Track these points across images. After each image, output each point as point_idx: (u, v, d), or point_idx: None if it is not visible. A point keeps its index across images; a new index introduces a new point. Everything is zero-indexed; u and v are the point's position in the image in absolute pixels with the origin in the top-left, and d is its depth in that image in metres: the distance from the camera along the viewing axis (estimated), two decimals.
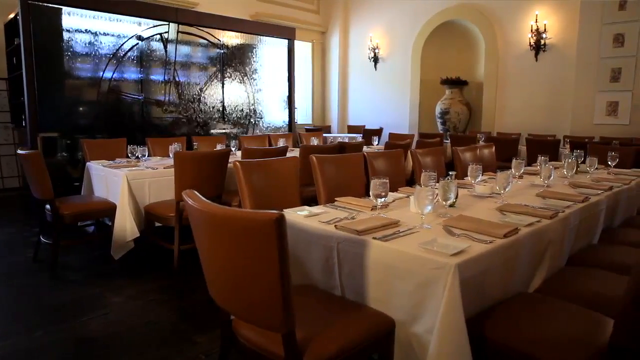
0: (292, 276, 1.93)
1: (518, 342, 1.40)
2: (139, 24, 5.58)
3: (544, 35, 7.05)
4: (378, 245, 1.54)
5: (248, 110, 6.97)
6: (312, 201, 2.73)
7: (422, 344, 1.45)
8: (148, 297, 2.88)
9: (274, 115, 7.46)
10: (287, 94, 7.54)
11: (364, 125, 9.20)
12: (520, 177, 3.13)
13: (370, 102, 9.66)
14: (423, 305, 1.43)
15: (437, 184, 2.02)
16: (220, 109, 6.59)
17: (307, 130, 8.25)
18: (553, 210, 2.07)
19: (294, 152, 4.22)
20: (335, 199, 2.22)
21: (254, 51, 7.03)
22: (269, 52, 7.21)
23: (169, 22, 5.81)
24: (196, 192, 1.41)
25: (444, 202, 1.90)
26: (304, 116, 10.43)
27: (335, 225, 1.70)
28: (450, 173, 2.18)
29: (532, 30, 7.16)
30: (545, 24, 7.04)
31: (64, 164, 5.30)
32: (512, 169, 3.01)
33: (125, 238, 3.32)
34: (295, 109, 10.33)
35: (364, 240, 1.57)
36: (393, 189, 2.58)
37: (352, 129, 9.34)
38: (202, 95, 6.37)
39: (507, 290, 1.68)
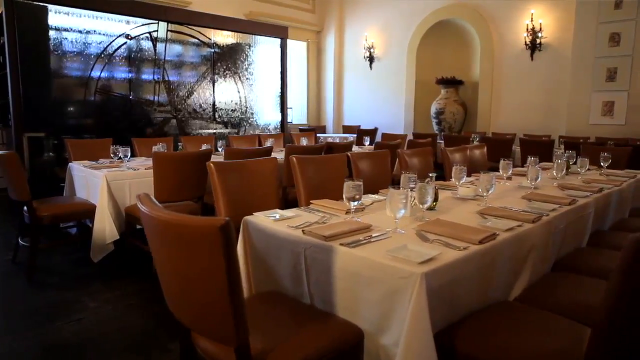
0: (261, 282, 1.87)
1: (489, 354, 1.32)
2: (127, 22, 5.51)
3: (539, 35, 6.97)
4: (344, 251, 1.45)
5: (240, 110, 6.89)
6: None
7: (390, 357, 1.37)
8: (124, 302, 2.80)
9: (268, 116, 7.38)
10: (287, 93, 7.46)
11: (359, 126, 9.12)
12: (509, 178, 3.05)
13: (366, 102, 9.58)
14: (390, 316, 1.35)
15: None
16: (211, 108, 6.51)
17: (300, 130, 8.17)
18: (537, 213, 1.99)
19: (281, 153, 4.14)
20: (311, 201, 2.13)
21: (247, 50, 6.95)
22: (262, 51, 7.13)
23: (158, 20, 5.73)
24: (150, 196, 1.33)
25: (421, 206, 1.82)
26: (299, 116, 10.35)
27: (302, 230, 1.62)
28: (430, 175, 2.09)
29: (527, 29, 7.08)
30: (540, 23, 6.95)
31: (51, 164, 5.23)
32: (500, 170, 2.94)
33: (104, 240, 3.24)
34: (290, 109, 10.29)
35: (331, 247, 1.49)
36: (375, 190, 2.50)
37: (347, 129, 9.26)
38: (193, 95, 6.29)
39: (484, 299, 1.60)
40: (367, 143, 5.56)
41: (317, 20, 9.98)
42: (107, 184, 3.25)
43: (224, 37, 6.68)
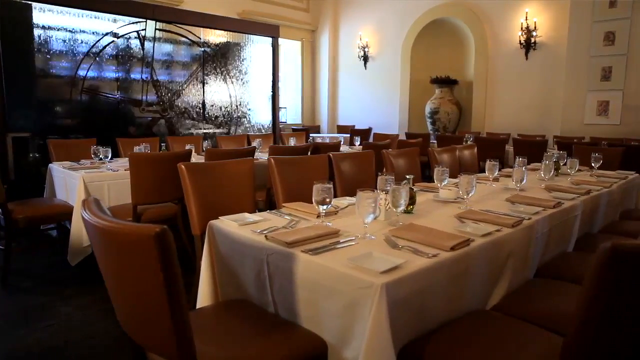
0: (228, 290, 1.78)
1: None
2: (114, 20, 5.41)
3: (534, 33, 6.89)
4: (305, 259, 1.37)
5: (231, 110, 6.80)
6: None
7: None
8: (98, 307, 2.71)
9: (261, 116, 7.28)
10: (278, 93, 7.37)
11: (354, 126, 9.04)
12: (496, 179, 2.96)
13: (360, 101, 9.50)
14: (352, 329, 1.26)
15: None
16: (201, 108, 6.42)
17: (293, 130, 8.09)
18: (517, 217, 1.91)
19: (267, 154, 4.05)
20: (283, 204, 2.05)
21: (238, 50, 6.86)
22: (254, 50, 7.03)
23: (146, 19, 5.64)
24: (97, 201, 1.25)
25: (395, 209, 1.74)
26: (293, 116, 10.27)
27: (265, 236, 1.53)
28: (408, 177, 2.01)
29: (522, 28, 7.00)
30: (535, 22, 6.87)
31: (36, 165, 5.13)
32: (486, 171, 2.86)
33: (82, 243, 3.15)
34: (285, 109, 10.21)
35: (292, 254, 1.41)
36: (353, 192, 2.41)
37: (341, 129, 9.18)
38: (182, 94, 6.20)
39: (458, 309, 1.51)
40: (357, 143, 5.48)
41: (311, 19, 9.89)
42: (84, 186, 3.16)
43: (216, 37, 6.58)
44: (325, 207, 1.69)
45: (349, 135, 7.47)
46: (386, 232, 1.62)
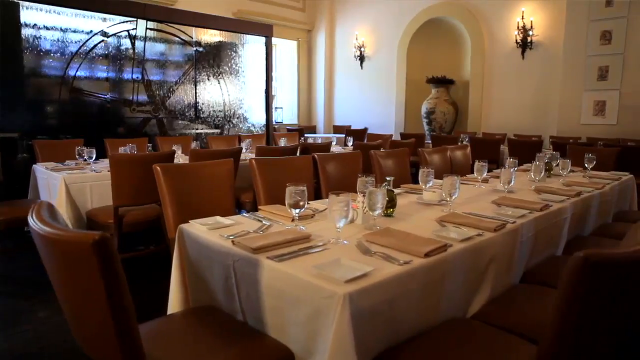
0: (198, 296, 1.71)
1: None
2: (104, 19, 5.35)
3: (530, 33, 6.82)
4: (270, 266, 1.30)
5: (225, 111, 6.73)
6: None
7: None
8: None
9: (256, 116, 7.20)
10: (272, 93, 7.30)
11: (350, 126, 8.97)
12: (485, 181, 2.89)
13: (357, 101, 9.43)
14: (317, 339, 1.20)
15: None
16: (194, 108, 6.35)
17: (288, 130, 8.02)
18: (501, 221, 1.84)
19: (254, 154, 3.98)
20: (259, 207, 1.98)
21: (232, 50, 6.79)
22: (248, 50, 6.97)
23: (137, 18, 5.57)
24: (49, 206, 1.19)
25: (372, 213, 1.67)
26: (290, 116, 10.20)
27: (232, 241, 1.47)
28: (388, 179, 1.94)
29: (518, 27, 6.93)
30: (531, 21, 6.80)
31: (25, 166, 5.07)
32: (475, 173, 2.79)
33: None
34: (281, 109, 10.15)
35: (257, 260, 1.34)
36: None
37: (338, 129, 9.10)
38: (174, 94, 6.13)
39: (434, 318, 1.44)
40: (350, 144, 5.40)
41: (307, 19, 9.82)
42: (65, 187, 3.10)
43: (210, 37, 6.52)
44: (298, 210, 1.62)
45: (343, 135, 7.41)
46: (361, 237, 1.55)
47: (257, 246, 1.37)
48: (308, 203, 2.09)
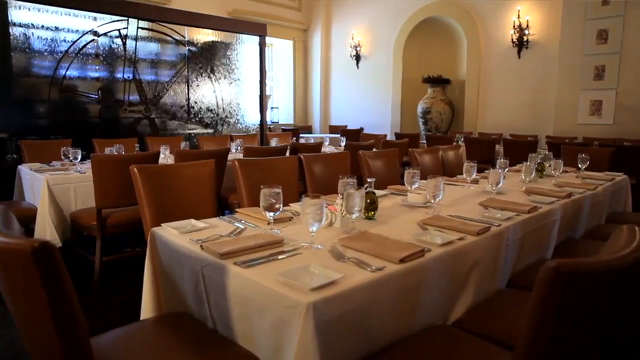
0: (171, 302, 1.65)
1: None
2: (94, 19, 5.29)
3: (526, 32, 6.76)
4: (236, 272, 1.25)
5: (219, 111, 6.67)
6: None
7: None
8: None
9: (251, 116, 7.14)
10: (265, 93, 7.23)
11: (346, 126, 8.92)
12: (475, 182, 2.83)
13: (353, 101, 9.37)
14: (282, 350, 1.14)
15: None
16: (186, 109, 6.29)
17: (283, 130, 7.96)
18: (486, 224, 1.78)
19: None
20: (237, 210, 1.93)
21: (227, 49, 6.73)
22: (243, 50, 6.90)
23: (128, 17, 5.51)
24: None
25: (350, 216, 1.61)
26: (286, 116, 10.15)
27: (201, 246, 1.41)
28: (370, 180, 1.89)
29: (514, 27, 6.87)
30: (527, 20, 6.75)
31: (14, 167, 5.01)
32: (464, 173, 2.74)
33: None
34: (277, 109, 10.09)
35: (224, 266, 1.28)
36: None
37: (334, 130, 9.05)
38: (167, 94, 6.07)
39: (411, 326, 1.39)
40: (343, 144, 5.34)
41: (303, 18, 9.77)
42: (47, 188, 3.04)
43: (205, 36, 6.46)
44: (273, 214, 1.56)
45: (339, 135, 7.35)
46: (336, 241, 1.49)
47: (225, 251, 1.32)
48: (289, 205, 2.05)
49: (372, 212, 1.85)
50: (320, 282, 1.12)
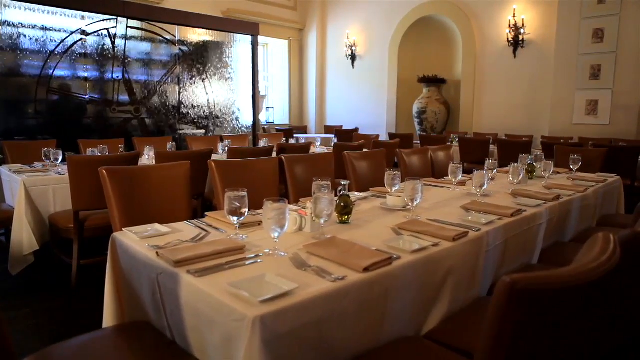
0: (132, 310, 1.58)
1: None
2: (82, 17, 5.22)
3: (522, 31, 6.69)
4: (188, 281, 1.17)
5: (210, 111, 6.60)
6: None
7: None
8: (28, 322, 2.51)
9: (245, 116, 7.07)
10: (260, 93, 7.16)
11: (341, 126, 8.84)
12: (462, 183, 2.76)
13: (348, 101, 9.30)
14: None
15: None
16: (177, 109, 6.22)
17: (277, 130, 7.89)
18: (464, 228, 1.71)
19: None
20: (206, 213, 1.85)
21: (220, 49, 6.66)
22: (235, 50, 6.84)
23: (116, 16, 5.44)
24: None
25: (318, 220, 1.54)
26: (281, 116, 10.07)
27: (157, 252, 1.34)
28: (343, 183, 1.81)
29: (510, 26, 6.79)
30: (523, 19, 6.67)
31: None
32: (449, 175, 2.66)
33: (22, 252, 2.95)
34: (272, 109, 10.02)
35: (177, 274, 1.21)
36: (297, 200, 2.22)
37: (329, 130, 8.97)
38: (157, 94, 6.00)
39: (378, 338, 1.31)
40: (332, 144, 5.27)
41: (298, 18, 9.69)
42: (25, 190, 2.97)
43: (198, 36, 6.39)
44: (237, 218, 1.49)
45: (332, 135, 7.28)
46: (301, 247, 1.42)
47: (179, 259, 1.24)
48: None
49: (347, 216, 1.77)
50: (272, 293, 1.04)
